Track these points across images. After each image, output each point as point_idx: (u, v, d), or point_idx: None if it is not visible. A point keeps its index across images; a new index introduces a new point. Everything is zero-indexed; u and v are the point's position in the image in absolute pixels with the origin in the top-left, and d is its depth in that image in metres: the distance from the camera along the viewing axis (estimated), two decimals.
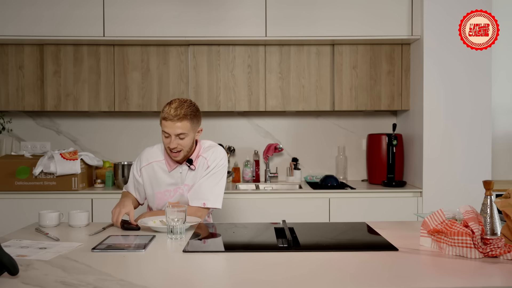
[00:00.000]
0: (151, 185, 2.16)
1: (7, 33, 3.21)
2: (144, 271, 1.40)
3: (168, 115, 2.00)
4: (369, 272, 1.39)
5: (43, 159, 3.09)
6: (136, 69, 3.38)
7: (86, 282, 1.27)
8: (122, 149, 3.64)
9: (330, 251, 1.60)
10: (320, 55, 3.41)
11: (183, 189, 2.12)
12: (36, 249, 1.61)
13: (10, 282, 1.27)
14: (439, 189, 3.14)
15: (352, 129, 3.74)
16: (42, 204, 2.94)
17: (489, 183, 1.61)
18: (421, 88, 3.19)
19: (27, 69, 3.36)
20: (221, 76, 3.38)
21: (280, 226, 1.95)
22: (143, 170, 2.17)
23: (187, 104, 2.05)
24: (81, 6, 3.23)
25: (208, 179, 2.10)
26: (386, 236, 1.78)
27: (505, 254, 1.46)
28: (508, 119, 3.71)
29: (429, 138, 3.16)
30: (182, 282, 1.33)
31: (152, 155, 2.19)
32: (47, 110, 3.37)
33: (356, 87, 3.42)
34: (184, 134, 2.02)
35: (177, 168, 2.13)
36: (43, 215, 2.01)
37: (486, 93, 3.14)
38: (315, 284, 1.27)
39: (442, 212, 1.61)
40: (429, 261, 1.49)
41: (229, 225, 2.10)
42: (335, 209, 3.16)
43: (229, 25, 3.27)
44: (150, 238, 1.74)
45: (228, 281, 1.34)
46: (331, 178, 3.39)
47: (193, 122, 2.05)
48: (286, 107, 3.41)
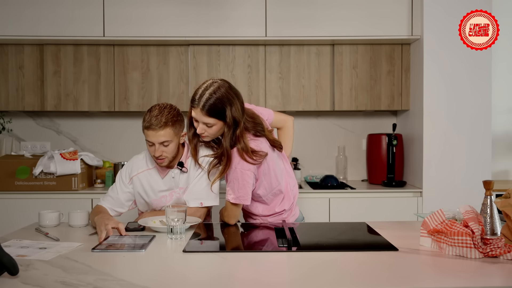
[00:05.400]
0: (145, 193, 2.11)
1: (7, 33, 3.21)
2: (144, 271, 1.40)
3: (149, 124, 1.95)
4: (369, 272, 1.39)
5: (43, 159, 3.09)
6: (136, 69, 3.38)
7: (86, 282, 1.27)
8: (122, 149, 3.64)
9: (330, 251, 1.60)
10: (320, 55, 3.41)
11: (178, 192, 2.10)
12: (36, 249, 1.61)
13: (10, 282, 1.27)
14: (439, 189, 3.14)
15: (352, 129, 3.74)
16: (42, 204, 2.94)
17: (489, 183, 1.61)
18: (421, 88, 3.19)
19: (27, 69, 3.36)
20: (221, 76, 3.37)
21: (280, 226, 1.95)
22: (134, 179, 2.12)
23: (168, 110, 1.99)
24: (81, 6, 3.23)
25: (201, 178, 2.09)
26: (386, 236, 1.78)
27: (505, 254, 1.45)
28: (508, 119, 3.71)
29: (429, 138, 3.16)
30: (182, 282, 1.33)
31: (142, 164, 2.14)
32: (47, 110, 3.37)
33: (356, 87, 3.42)
34: (168, 141, 1.98)
35: (169, 173, 2.10)
36: (43, 215, 2.01)
37: (486, 93, 3.14)
38: (315, 284, 1.27)
39: (442, 212, 1.61)
40: (429, 261, 1.49)
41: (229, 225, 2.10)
42: (335, 209, 3.16)
43: (229, 25, 3.27)
44: (150, 238, 1.74)
45: (228, 281, 1.34)
46: (331, 178, 3.39)
47: (176, 128, 2.00)
48: (286, 107, 3.41)
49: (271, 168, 2.04)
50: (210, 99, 1.89)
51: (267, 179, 2.04)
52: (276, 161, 2.09)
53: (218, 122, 1.93)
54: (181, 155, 2.11)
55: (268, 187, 2.06)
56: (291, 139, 2.34)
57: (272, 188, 2.07)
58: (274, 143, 2.08)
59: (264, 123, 2.09)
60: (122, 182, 2.14)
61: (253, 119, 2.03)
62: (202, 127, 1.94)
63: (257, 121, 2.04)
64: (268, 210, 2.12)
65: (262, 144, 2.01)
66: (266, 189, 2.06)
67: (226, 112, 1.90)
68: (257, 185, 2.03)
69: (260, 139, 2.03)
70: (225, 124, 1.93)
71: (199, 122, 1.94)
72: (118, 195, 2.12)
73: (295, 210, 2.21)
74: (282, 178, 2.11)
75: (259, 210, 2.12)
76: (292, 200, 2.17)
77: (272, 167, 2.04)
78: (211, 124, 1.93)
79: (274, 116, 2.26)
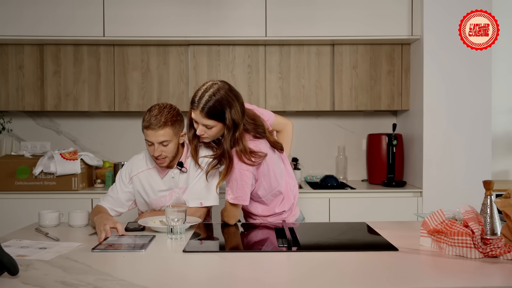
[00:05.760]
0: (145, 193, 2.12)
1: (7, 33, 3.21)
2: (144, 271, 1.40)
3: (148, 124, 1.96)
4: (369, 272, 1.39)
5: (43, 159, 3.09)
6: (136, 69, 3.38)
7: (86, 282, 1.27)
8: (122, 149, 3.64)
9: (330, 251, 1.60)
10: (320, 55, 3.41)
11: (178, 192, 2.10)
12: (36, 249, 1.61)
13: (10, 282, 1.27)
14: (439, 189, 3.14)
15: (352, 129, 3.74)
16: (42, 204, 2.94)
17: (489, 183, 1.61)
18: (421, 88, 3.19)
19: (27, 69, 3.36)
20: (221, 76, 3.38)
21: (280, 226, 1.95)
22: (134, 179, 2.13)
23: (167, 110, 1.99)
24: (81, 6, 3.23)
25: (201, 178, 2.09)
26: (386, 236, 1.78)
27: (505, 254, 1.46)
28: (508, 119, 3.71)
29: (429, 138, 3.16)
30: (182, 282, 1.33)
31: (141, 164, 2.14)
32: (47, 110, 3.37)
33: (356, 87, 3.42)
34: (167, 141, 1.98)
35: (169, 172, 2.10)
36: (43, 215, 2.01)
37: (486, 93, 3.14)
38: (315, 284, 1.27)
39: (442, 212, 1.61)
40: (429, 261, 1.49)
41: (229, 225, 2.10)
42: (335, 209, 3.16)
43: (229, 25, 3.27)
44: (150, 238, 1.74)
45: (228, 281, 1.34)
46: (331, 178, 3.39)
47: (175, 127, 2.00)
48: (286, 107, 3.41)
49: (271, 169, 2.04)
50: (209, 101, 1.89)
51: (267, 180, 2.04)
52: (276, 162, 2.09)
53: (217, 124, 1.93)
54: (181, 155, 2.11)
55: (267, 188, 2.06)
56: (290, 143, 2.34)
57: (272, 189, 2.07)
58: (274, 145, 2.08)
59: (265, 124, 2.09)
60: (122, 182, 2.14)
61: (254, 120, 2.03)
62: (202, 128, 1.94)
63: (258, 123, 2.04)
64: (268, 210, 2.12)
65: (261, 145, 2.01)
66: (266, 190, 2.06)
67: (225, 114, 1.90)
68: (256, 186, 2.03)
69: (260, 140, 2.03)
70: (224, 126, 1.93)
71: (198, 123, 1.94)
72: (118, 195, 2.12)
73: (296, 210, 2.21)
74: (282, 179, 2.11)
75: (259, 210, 2.12)
76: (292, 201, 2.17)
77: (272, 168, 2.04)
78: (211, 126, 1.93)
79: (274, 119, 2.26)
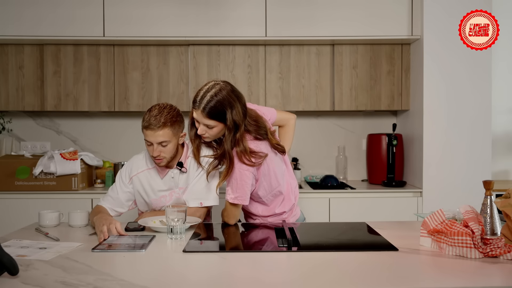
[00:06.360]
0: (145, 193, 2.12)
1: (7, 33, 3.21)
2: (144, 271, 1.40)
3: (148, 124, 1.96)
4: (369, 272, 1.39)
5: (43, 159, 3.09)
6: (136, 69, 3.38)
7: (86, 282, 1.27)
8: (122, 149, 3.64)
9: (330, 251, 1.60)
10: (320, 55, 3.41)
11: (178, 193, 2.10)
12: (36, 249, 1.61)
13: (10, 282, 1.27)
14: (439, 189, 3.14)
15: (352, 129, 3.74)
16: (42, 204, 2.94)
17: (489, 183, 1.61)
18: (421, 88, 3.19)
19: (27, 69, 3.36)
20: (221, 76, 3.38)
21: (280, 226, 1.95)
22: (134, 179, 2.13)
23: (167, 110, 2.00)
24: (81, 6, 3.23)
25: (201, 178, 2.09)
26: (386, 236, 1.78)
27: (505, 254, 1.46)
28: (508, 119, 3.71)
29: (429, 138, 3.16)
30: (182, 282, 1.33)
31: (141, 164, 2.15)
32: (47, 110, 3.37)
33: (356, 87, 3.42)
34: (166, 142, 1.98)
35: (169, 173, 2.10)
36: (43, 215, 2.01)
37: (486, 93, 3.14)
38: (315, 284, 1.27)
39: (442, 212, 1.61)
40: (429, 261, 1.49)
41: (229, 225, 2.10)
42: (335, 209, 3.16)
43: (229, 25, 3.27)
44: (150, 238, 1.74)
45: (228, 281, 1.34)
46: (331, 178, 3.39)
47: (174, 128, 2.00)
48: (286, 107, 3.41)
49: (271, 169, 2.04)
50: (211, 101, 1.89)
51: (267, 180, 2.04)
52: (277, 162, 2.09)
53: (218, 124, 1.93)
54: (181, 155, 2.11)
55: (268, 188, 2.06)
56: (291, 137, 2.34)
57: (272, 189, 2.07)
58: (276, 147, 2.08)
59: (267, 125, 2.09)
60: (122, 182, 2.14)
61: (256, 122, 2.03)
62: (203, 128, 1.95)
63: (260, 124, 2.03)
64: (268, 211, 2.12)
65: (262, 145, 2.01)
66: (266, 190, 2.06)
67: (226, 115, 1.90)
68: (256, 186, 2.03)
69: (261, 141, 2.03)
70: (225, 126, 1.93)
71: (200, 123, 1.95)
72: (118, 195, 2.13)
73: (296, 210, 2.21)
74: (282, 179, 2.11)
75: (259, 210, 2.12)
76: (293, 202, 2.17)
77: (272, 168, 2.04)
78: (212, 126, 1.93)
79: (277, 115, 2.26)
